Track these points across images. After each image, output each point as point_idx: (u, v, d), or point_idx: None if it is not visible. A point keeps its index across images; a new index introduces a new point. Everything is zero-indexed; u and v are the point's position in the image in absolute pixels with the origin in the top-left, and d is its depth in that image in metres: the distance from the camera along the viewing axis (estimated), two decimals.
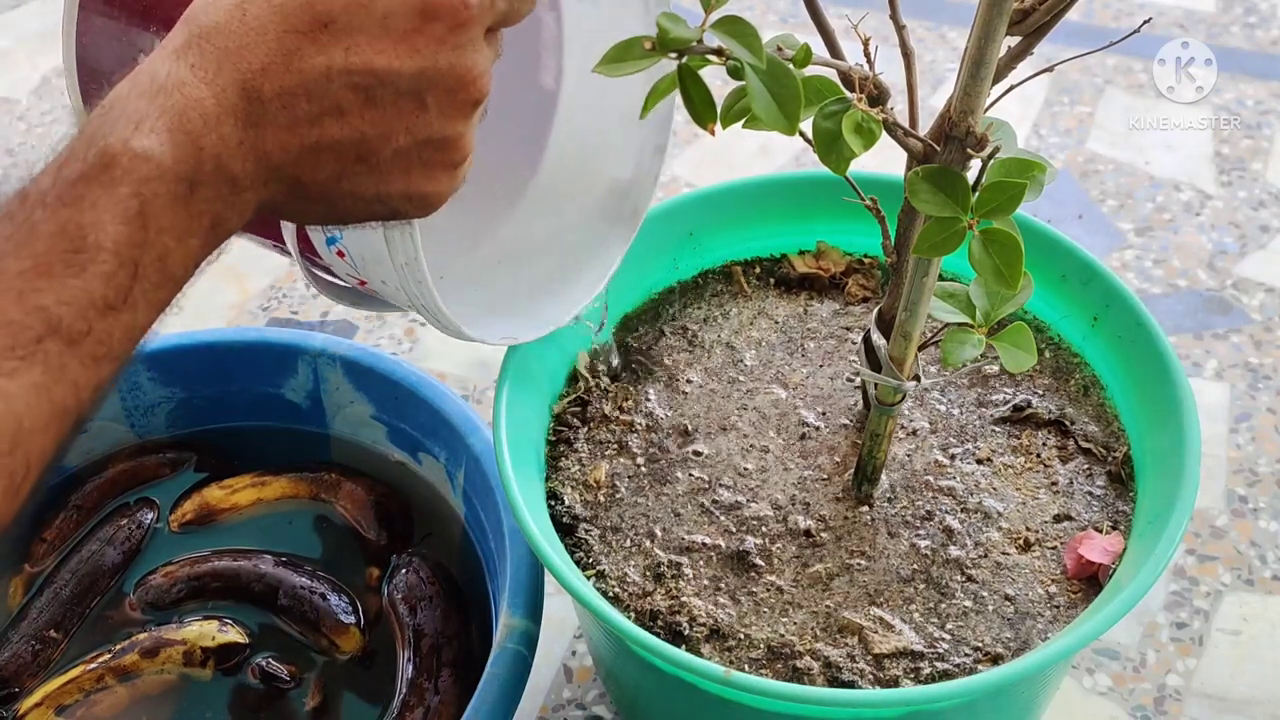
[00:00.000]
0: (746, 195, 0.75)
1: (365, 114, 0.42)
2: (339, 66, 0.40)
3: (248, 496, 0.76)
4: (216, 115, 0.40)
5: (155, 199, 0.38)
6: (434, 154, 0.44)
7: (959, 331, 0.55)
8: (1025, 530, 0.63)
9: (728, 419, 0.69)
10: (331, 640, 0.69)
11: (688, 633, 0.59)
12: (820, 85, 0.49)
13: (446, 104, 0.42)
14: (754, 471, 0.66)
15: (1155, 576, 0.55)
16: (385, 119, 0.42)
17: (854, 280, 0.76)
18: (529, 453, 0.65)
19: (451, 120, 0.43)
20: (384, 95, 0.41)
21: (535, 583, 0.64)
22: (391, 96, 0.42)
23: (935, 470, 0.66)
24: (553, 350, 0.69)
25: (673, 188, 1.07)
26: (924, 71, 1.15)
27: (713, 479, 0.66)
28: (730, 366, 0.72)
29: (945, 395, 0.70)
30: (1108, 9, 1.23)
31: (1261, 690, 0.74)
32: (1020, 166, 0.50)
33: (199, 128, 0.39)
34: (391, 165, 0.43)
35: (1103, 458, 0.66)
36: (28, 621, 0.70)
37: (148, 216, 0.38)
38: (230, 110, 0.40)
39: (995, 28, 0.46)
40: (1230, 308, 0.96)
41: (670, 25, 0.42)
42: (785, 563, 0.62)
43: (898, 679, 0.58)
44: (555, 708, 0.75)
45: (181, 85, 0.39)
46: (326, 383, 0.77)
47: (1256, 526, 0.82)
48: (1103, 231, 1.02)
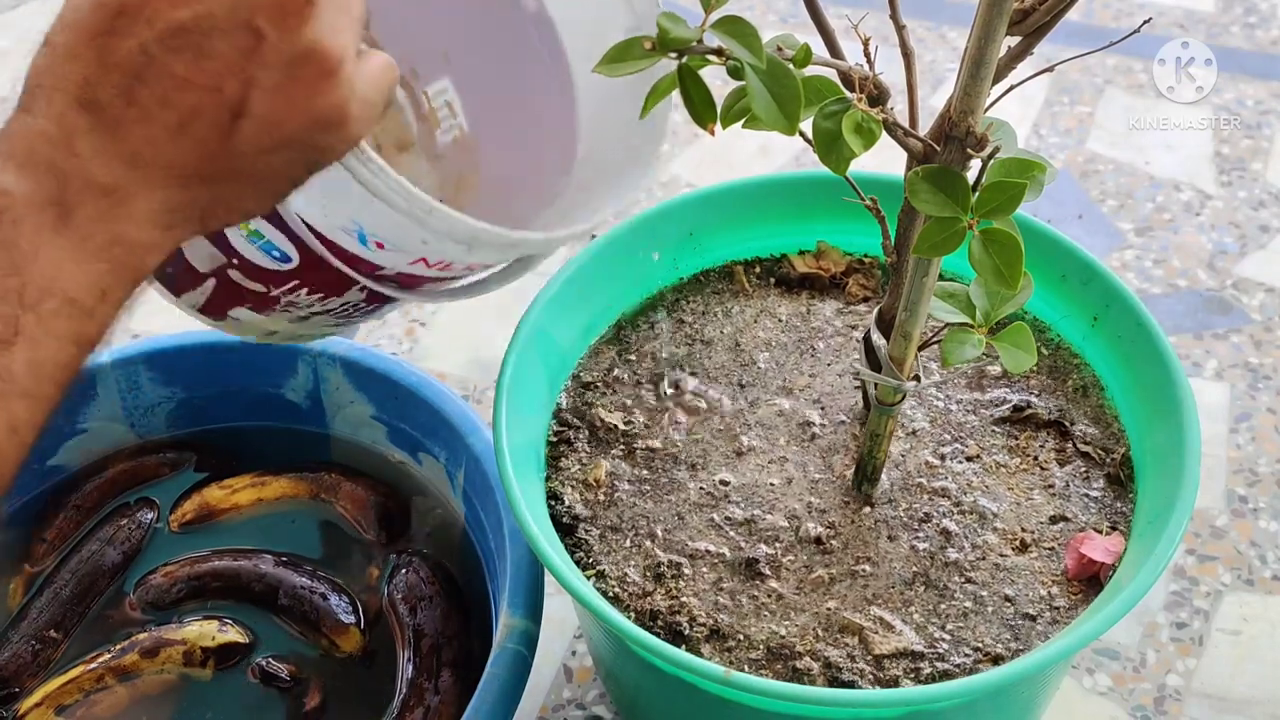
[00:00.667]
0: (746, 195, 0.75)
1: (203, 67, 0.40)
2: (150, 39, 0.39)
3: (248, 496, 0.76)
4: (64, 138, 0.39)
5: (22, 228, 0.38)
6: (302, 70, 0.41)
7: (959, 331, 0.55)
8: (1022, 531, 0.63)
9: (730, 419, 0.69)
10: (331, 640, 0.69)
11: (688, 633, 0.59)
12: (820, 85, 0.49)
13: (279, 18, 0.40)
14: (753, 471, 0.66)
15: (1155, 576, 0.55)
16: (226, 63, 0.40)
17: (854, 280, 0.76)
18: (529, 453, 0.65)
19: (295, 32, 0.40)
20: (210, 43, 0.39)
21: (535, 583, 0.64)
22: (219, 40, 0.39)
23: (935, 471, 0.66)
24: (553, 351, 0.69)
25: (673, 188, 1.07)
26: (924, 71, 1.15)
27: (716, 479, 0.66)
28: (735, 366, 0.72)
29: (945, 395, 0.70)
30: (1108, 9, 1.23)
31: (1261, 690, 0.74)
32: (1020, 166, 0.50)
33: (49, 153, 0.39)
34: (268, 103, 0.41)
35: (1101, 460, 0.66)
36: (28, 621, 0.70)
37: (17, 246, 0.38)
38: (76, 128, 0.39)
39: (995, 28, 0.46)
40: (1230, 308, 0.96)
41: (670, 25, 0.42)
42: (786, 564, 0.62)
43: (898, 679, 0.58)
44: (555, 708, 0.75)
45: (25, 127, 0.40)
46: (326, 383, 0.77)
47: (1256, 526, 0.82)
48: (1103, 231, 1.02)
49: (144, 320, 0.98)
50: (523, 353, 0.66)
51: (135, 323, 0.97)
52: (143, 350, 0.77)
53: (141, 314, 0.98)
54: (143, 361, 0.77)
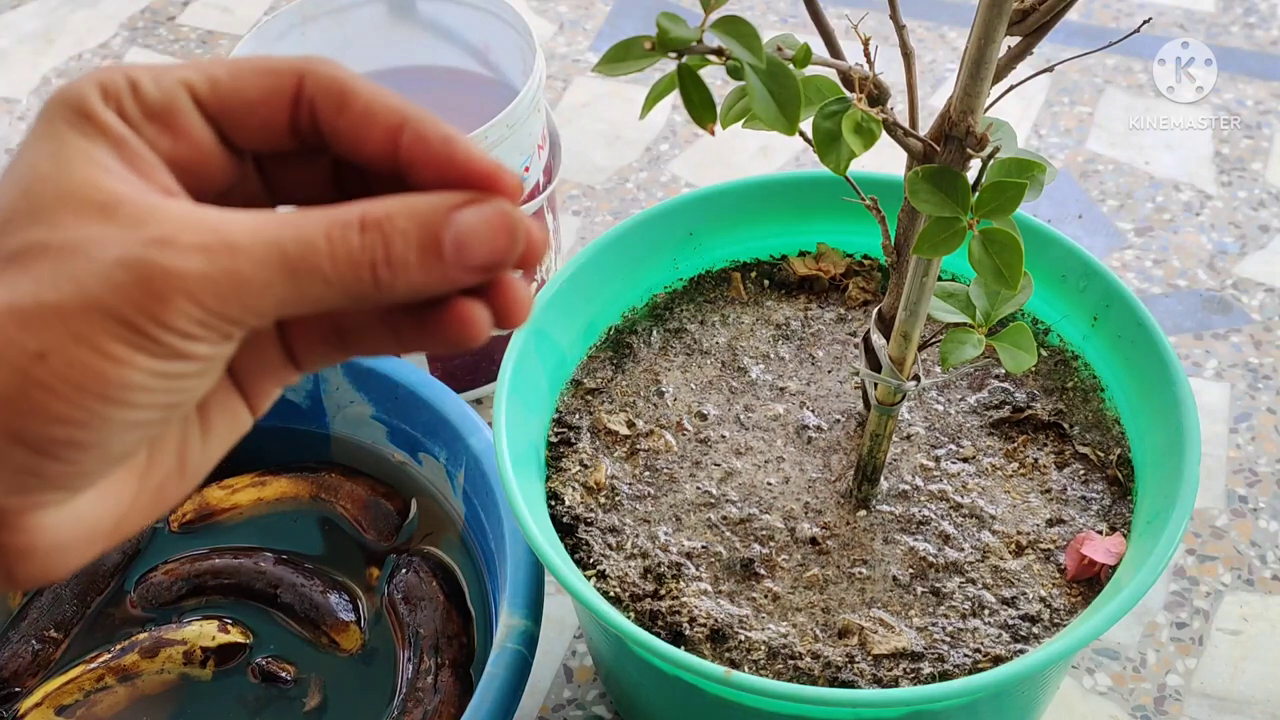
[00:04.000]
0: (746, 195, 0.75)
1: None
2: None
3: (248, 496, 0.76)
4: None
5: None
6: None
7: (959, 331, 0.55)
8: (1021, 533, 0.63)
9: (732, 420, 0.69)
10: (331, 638, 0.69)
11: (688, 633, 0.59)
12: (820, 85, 0.49)
13: None
14: (752, 471, 0.66)
15: (1155, 576, 0.55)
16: None
17: (854, 283, 0.76)
18: (529, 453, 0.65)
19: None
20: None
21: (535, 583, 0.64)
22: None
23: (931, 474, 0.66)
24: (553, 351, 0.69)
25: (673, 188, 1.07)
26: (924, 71, 1.15)
27: (716, 481, 0.66)
28: (734, 370, 0.72)
29: (944, 398, 0.70)
30: (1108, 9, 1.23)
31: (1261, 690, 0.74)
32: (1020, 166, 0.50)
33: None
34: None
35: (1100, 461, 0.66)
36: (28, 621, 0.70)
37: None
38: None
39: (995, 28, 0.46)
40: (1230, 308, 0.96)
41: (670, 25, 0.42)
42: (785, 565, 0.62)
43: (898, 679, 0.58)
44: (555, 708, 0.74)
45: None
46: (326, 383, 0.77)
47: (1256, 526, 0.82)
48: (1103, 231, 1.02)
49: None
50: (523, 353, 0.66)
51: None
52: None
53: None
54: None
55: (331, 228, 0.31)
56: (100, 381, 0.29)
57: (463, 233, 0.31)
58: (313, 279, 0.30)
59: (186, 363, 0.30)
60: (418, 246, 0.31)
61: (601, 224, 1.03)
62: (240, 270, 0.30)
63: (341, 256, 0.30)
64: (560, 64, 1.18)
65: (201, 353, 0.30)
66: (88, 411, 0.29)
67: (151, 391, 0.30)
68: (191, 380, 0.31)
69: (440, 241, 0.31)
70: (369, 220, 0.31)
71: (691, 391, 0.71)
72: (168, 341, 0.29)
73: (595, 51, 1.19)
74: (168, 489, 0.34)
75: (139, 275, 0.29)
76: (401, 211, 0.31)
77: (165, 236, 0.29)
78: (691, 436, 0.68)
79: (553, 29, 1.23)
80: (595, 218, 1.04)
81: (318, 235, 0.30)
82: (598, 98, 1.15)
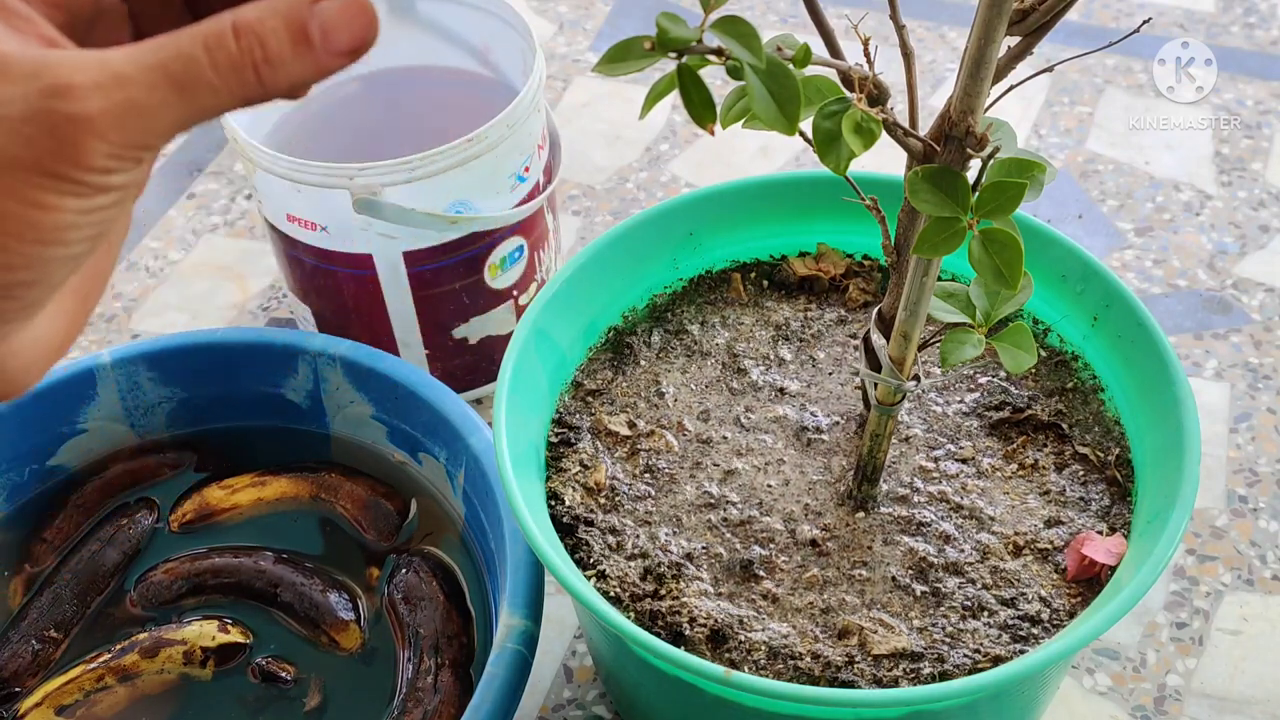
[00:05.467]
0: (746, 195, 0.75)
1: None
2: None
3: (248, 496, 0.76)
4: None
5: None
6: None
7: (959, 331, 0.55)
8: (1021, 533, 0.63)
9: (732, 421, 0.69)
10: (331, 637, 0.69)
11: (688, 633, 0.59)
12: (820, 85, 0.49)
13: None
14: (752, 472, 0.66)
15: (1155, 576, 0.55)
16: None
17: (854, 284, 0.76)
18: (529, 453, 0.65)
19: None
20: None
21: (535, 583, 0.64)
22: None
23: (930, 475, 0.66)
24: (553, 351, 0.69)
25: (673, 188, 1.07)
26: (924, 71, 1.15)
27: (717, 482, 0.66)
28: (734, 372, 0.72)
29: (943, 399, 0.70)
30: (1108, 9, 1.23)
31: (1261, 690, 0.74)
32: (1020, 166, 0.50)
33: None
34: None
35: (1100, 462, 0.66)
36: (28, 621, 0.70)
37: None
38: None
39: (995, 28, 0.46)
40: (1230, 308, 0.96)
41: (670, 25, 0.42)
42: (786, 567, 0.62)
43: (897, 680, 0.58)
44: (555, 708, 0.74)
45: None
46: (326, 383, 0.77)
47: (1256, 526, 0.82)
48: (1103, 231, 1.02)
49: (144, 320, 0.98)
50: (522, 353, 0.66)
51: (135, 323, 0.97)
52: (143, 350, 0.77)
53: (141, 314, 0.98)
54: (143, 361, 0.77)
55: (208, 39, 0.33)
56: (36, 229, 0.32)
57: (326, 20, 0.34)
58: (201, 90, 0.33)
59: (108, 195, 0.33)
60: (290, 41, 0.34)
61: (601, 224, 1.03)
62: (135, 99, 0.32)
63: (223, 64, 0.33)
64: (560, 64, 1.18)
65: (119, 182, 0.33)
66: (29, 256, 0.33)
67: (82, 227, 0.33)
68: (115, 207, 0.34)
69: (308, 32, 0.34)
70: (241, 26, 0.33)
71: (692, 392, 0.71)
72: (89, 180, 0.32)
73: (595, 51, 1.19)
74: (94, 294, 0.38)
75: (48, 126, 0.31)
76: (268, 11, 0.34)
77: (60, 85, 0.32)
78: (692, 437, 0.68)
79: (553, 29, 1.23)
80: (595, 218, 1.04)
81: (197, 49, 0.33)
82: (598, 98, 1.15)
